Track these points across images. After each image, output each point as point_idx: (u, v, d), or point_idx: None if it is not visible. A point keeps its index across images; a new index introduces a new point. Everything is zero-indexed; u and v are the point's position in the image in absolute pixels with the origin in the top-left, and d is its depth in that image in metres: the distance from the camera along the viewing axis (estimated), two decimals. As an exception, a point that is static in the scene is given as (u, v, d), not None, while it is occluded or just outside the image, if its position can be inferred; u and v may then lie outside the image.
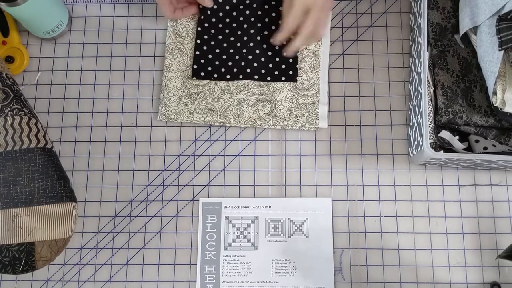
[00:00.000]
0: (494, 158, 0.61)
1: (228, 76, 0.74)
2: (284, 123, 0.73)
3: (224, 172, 0.73)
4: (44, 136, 0.64)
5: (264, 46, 0.75)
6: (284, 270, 0.69)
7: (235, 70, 0.75)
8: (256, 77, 0.74)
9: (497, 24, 0.58)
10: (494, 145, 0.65)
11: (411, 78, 0.72)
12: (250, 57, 0.75)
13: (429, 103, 0.66)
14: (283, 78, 0.74)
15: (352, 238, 0.70)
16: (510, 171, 0.71)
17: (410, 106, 0.72)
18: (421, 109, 0.63)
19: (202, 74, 0.75)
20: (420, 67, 0.65)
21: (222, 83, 0.74)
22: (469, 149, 0.67)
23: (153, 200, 0.72)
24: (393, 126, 0.73)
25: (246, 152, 0.74)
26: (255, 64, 0.74)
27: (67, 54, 0.78)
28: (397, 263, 0.69)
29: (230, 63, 0.75)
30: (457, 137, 0.66)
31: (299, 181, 0.72)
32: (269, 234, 0.71)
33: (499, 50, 0.59)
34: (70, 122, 0.76)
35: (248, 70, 0.74)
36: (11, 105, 0.64)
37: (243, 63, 0.75)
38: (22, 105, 0.65)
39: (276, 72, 0.74)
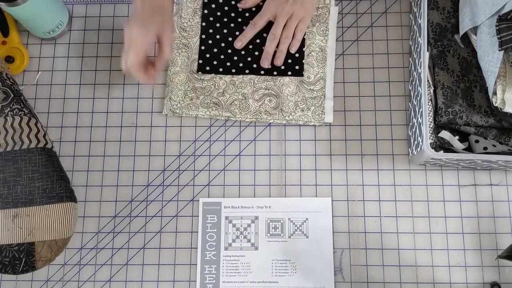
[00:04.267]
0: (494, 158, 0.61)
1: (233, 71, 0.75)
2: (290, 117, 0.73)
3: (224, 172, 0.73)
4: (44, 136, 0.64)
5: None
6: (284, 270, 0.69)
7: (241, 64, 0.75)
8: (262, 72, 0.74)
9: (497, 24, 0.58)
10: (494, 145, 0.65)
11: (411, 78, 0.73)
12: (256, 52, 0.75)
13: (429, 103, 0.66)
14: (289, 73, 0.74)
15: (352, 238, 0.70)
16: (510, 171, 0.71)
17: (410, 106, 0.72)
18: (421, 109, 0.64)
19: (208, 68, 0.75)
20: (420, 67, 0.65)
21: (227, 77, 0.75)
22: (469, 149, 0.67)
23: (153, 200, 0.72)
24: (393, 126, 0.73)
25: (246, 152, 0.74)
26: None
27: (67, 54, 0.78)
28: (397, 263, 0.69)
29: (235, 58, 0.75)
30: (457, 137, 0.66)
31: (299, 181, 0.72)
32: (269, 234, 0.71)
33: (499, 50, 0.59)
34: (70, 122, 0.76)
35: (255, 66, 0.74)
36: (11, 105, 0.64)
37: (249, 58, 0.75)
38: (22, 105, 0.65)
39: (283, 67, 0.74)
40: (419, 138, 0.64)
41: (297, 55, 0.74)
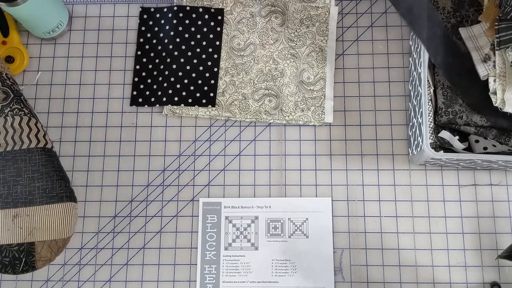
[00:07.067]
0: (494, 158, 0.61)
1: (164, 99, 0.74)
2: (290, 117, 0.73)
3: (224, 172, 0.73)
4: (44, 136, 0.64)
5: (201, 68, 0.75)
6: (284, 270, 0.69)
7: (176, 98, 0.74)
8: (190, 100, 0.74)
9: (497, 24, 0.58)
10: (494, 145, 0.65)
11: (411, 78, 0.73)
12: (191, 87, 0.74)
13: (429, 103, 0.66)
14: (203, 101, 0.74)
15: (352, 238, 0.70)
16: (510, 171, 0.71)
17: (410, 106, 0.72)
18: (421, 109, 0.64)
19: (140, 100, 0.75)
20: (420, 67, 0.65)
21: (227, 78, 0.75)
22: (469, 149, 0.67)
23: (153, 200, 0.72)
24: (393, 126, 0.73)
25: (246, 152, 0.74)
26: (192, 88, 0.75)
27: (67, 54, 0.78)
28: (397, 263, 0.69)
29: (170, 91, 0.74)
30: (457, 137, 0.66)
31: (299, 181, 0.72)
32: (269, 234, 0.71)
33: (497, 50, 0.59)
34: (70, 122, 0.76)
35: (190, 100, 0.74)
36: (11, 105, 0.64)
37: (184, 92, 0.74)
38: (22, 105, 0.65)
39: (198, 94, 0.74)
40: (419, 138, 0.64)
41: (212, 81, 0.74)
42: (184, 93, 0.74)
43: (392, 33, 0.77)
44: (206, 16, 0.77)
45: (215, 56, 0.76)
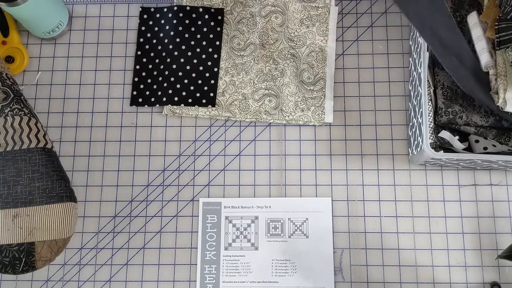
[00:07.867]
0: (494, 158, 0.61)
1: (164, 99, 0.74)
2: (290, 117, 0.73)
3: (224, 172, 0.73)
4: (44, 136, 0.64)
5: (201, 68, 0.75)
6: (284, 270, 0.69)
7: (176, 98, 0.74)
8: (190, 100, 0.74)
9: (497, 24, 0.58)
10: (494, 145, 0.65)
11: (411, 78, 0.73)
12: (191, 87, 0.75)
13: (429, 103, 0.66)
14: (203, 101, 0.74)
15: (352, 238, 0.70)
16: (510, 171, 0.71)
17: (410, 106, 0.72)
18: (421, 109, 0.64)
19: (140, 100, 0.75)
20: (420, 67, 0.65)
21: (227, 78, 0.75)
22: (469, 149, 0.67)
23: (153, 200, 0.73)
24: (393, 126, 0.73)
25: (246, 152, 0.74)
26: (192, 88, 0.75)
27: (67, 54, 0.78)
28: (397, 263, 0.69)
29: (170, 91, 0.74)
30: (457, 137, 0.66)
31: (299, 181, 0.72)
32: (269, 234, 0.71)
33: (497, 50, 0.59)
34: (70, 122, 0.76)
35: (190, 100, 0.74)
36: (11, 105, 0.64)
37: (184, 92, 0.74)
38: (22, 105, 0.65)
39: (198, 94, 0.74)
40: (419, 138, 0.64)
41: (212, 81, 0.74)
42: (184, 93, 0.74)
43: (392, 33, 0.77)
44: (206, 16, 0.77)
45: (215, 56, 0.76)
